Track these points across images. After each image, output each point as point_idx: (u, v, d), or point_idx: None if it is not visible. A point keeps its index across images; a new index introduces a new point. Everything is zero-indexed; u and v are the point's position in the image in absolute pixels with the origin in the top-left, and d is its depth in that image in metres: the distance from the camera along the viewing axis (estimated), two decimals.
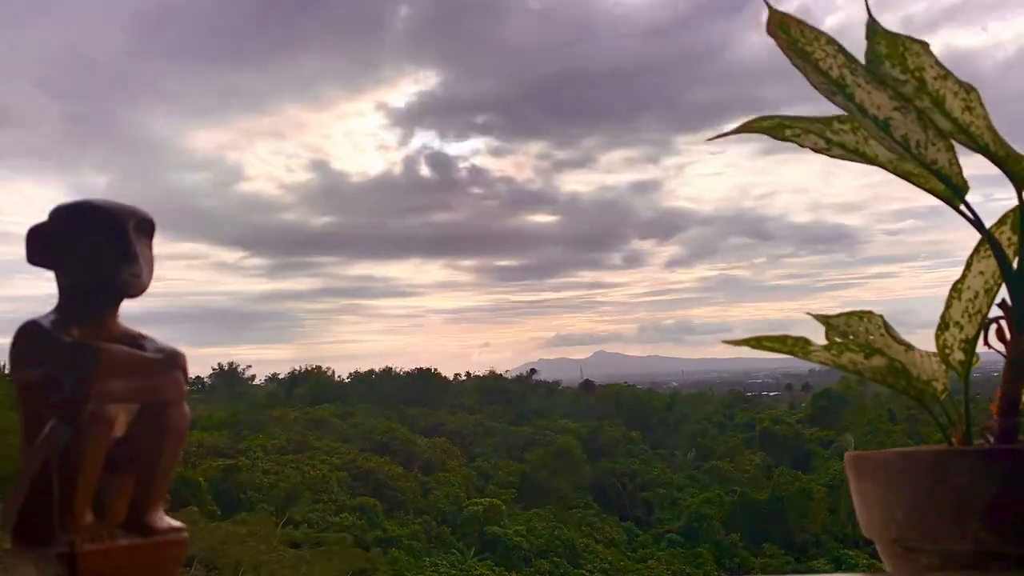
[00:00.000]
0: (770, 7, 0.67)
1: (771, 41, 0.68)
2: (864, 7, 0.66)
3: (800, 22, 0.66)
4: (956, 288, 0.75)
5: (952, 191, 0.69)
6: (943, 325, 0.76)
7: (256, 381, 57.36)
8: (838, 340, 0.82)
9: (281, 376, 56.32)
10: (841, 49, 0.66)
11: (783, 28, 0.67)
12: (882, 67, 0.66)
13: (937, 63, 0.66)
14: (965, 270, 0.75)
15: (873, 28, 0.66)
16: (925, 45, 0.65)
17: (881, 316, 0.83)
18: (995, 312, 0.72)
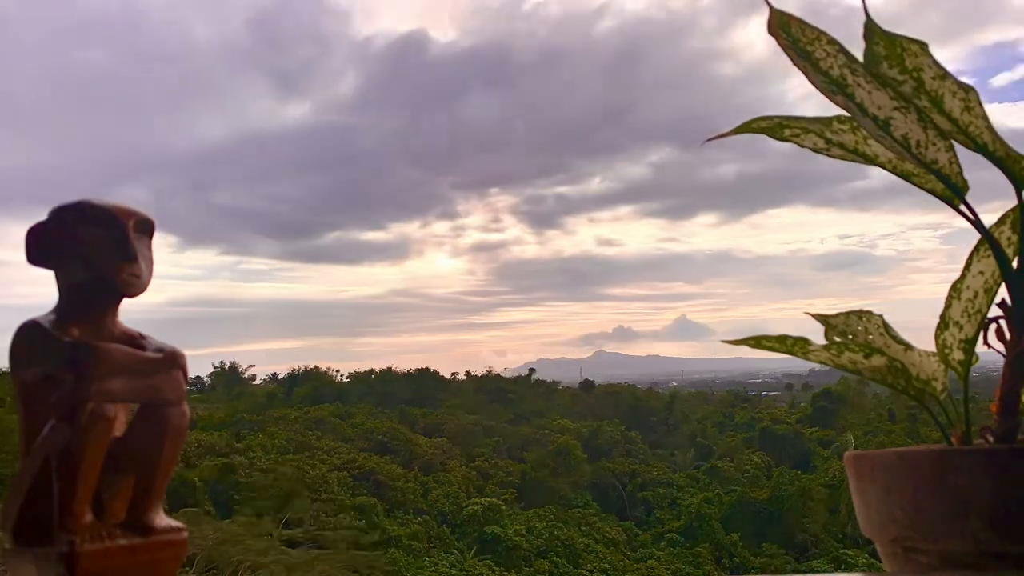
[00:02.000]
0: (771, 6, 0.67)
1: None
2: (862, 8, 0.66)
3: (801, 21, 0.66)
4: (955, 288, 0.75)
5: (952, 191, 0.69)
6: (943, 325, 0.76)
7: (256, 381, 57.42)
8: (838, 340, 0.82)
9: (281, 376, 56.38)
10: (842, 49, 0.66)
11: (784, 27, 0.67)
12: (880, 67, 0.66)
13: (935, 63, 0.66)
14: (964, 270, 0.75)
15: (871, 29, 0.66)
16: (923, 45, 0.65)
17: (881, 316, 0.83)
18: (995, 312, 0.72)
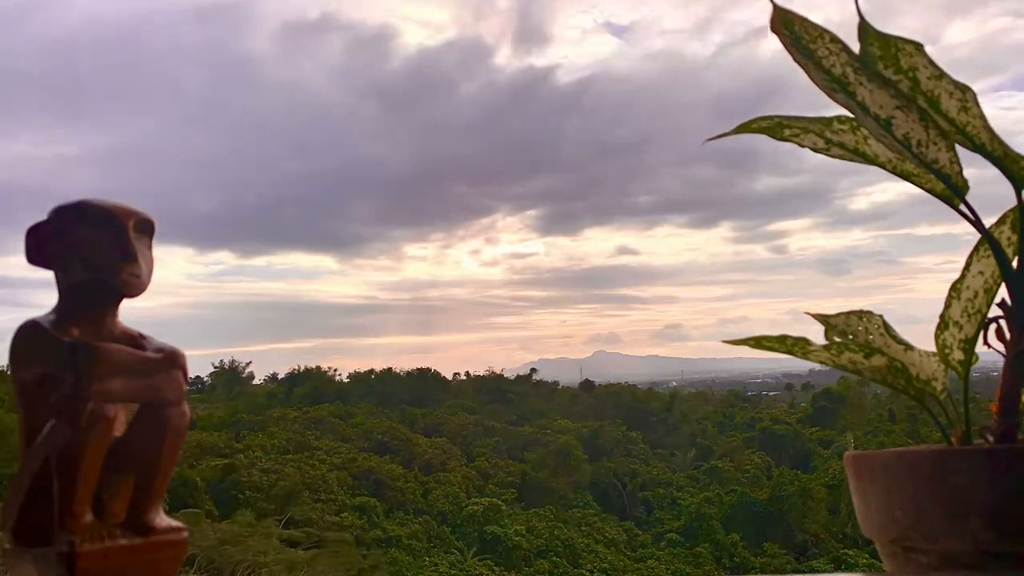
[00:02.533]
0: (774, 4, 0.67)
1: None
2: (855, 9, 0.66)
3: (804, 19, 0.66)
4: (955, 288, 0.75)
5: (952, 191, 0.69)
6: (943, 325, 0.75)
7: (256, 381, 57.42)
8: (838, 340, 0.82)
9: (281, 376, 56.37)
10: (845, 47, 0.65)
11: (787, 25, 0.67)
12: (876, 67, 0.66)
13: (931, 63, 0.66)
14: (964, 270, 0.75)
15: (865, 29, 0.66)
16: (918, 46, 0.65)
17: (881, 316, 0.83)
18: (995, 312, 0.72)
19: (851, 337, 0.82)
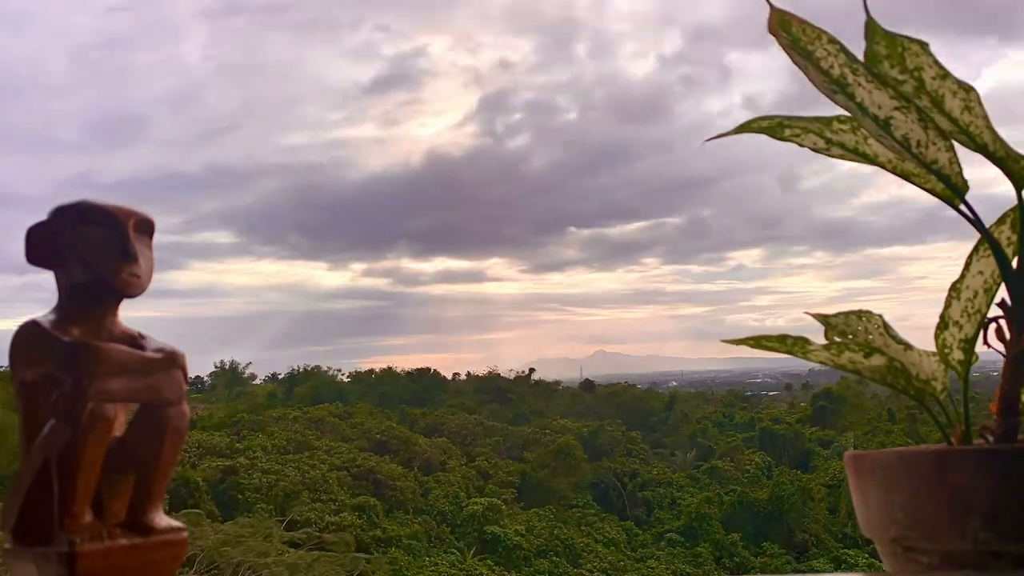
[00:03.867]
0: (772, 6, 0.67)
1: None
2: (863, 6, 0.66)
3: (802, 21, 0.66)
4: (955, 288, 0.75)
5: (952, 191, 0.69)
6: (942, 324, 0.75)
7: (256, 381, 57.43)
8: (837, 340, 0.82)
9: (281, 376, 56.40)
10: (843, 48, 0.65)
11: (784, 27, 0.67)
12: (881, 67, 0.66)
13: (936, 63, 0.66)
14: (964, 270, 0.75)
15: (872, 28, 0.66)
16: (924, 45, 0.65)
17: (880, 316, 0.83)
18: (994, 311, 0.72)
19: (851, 337, 0.82)
